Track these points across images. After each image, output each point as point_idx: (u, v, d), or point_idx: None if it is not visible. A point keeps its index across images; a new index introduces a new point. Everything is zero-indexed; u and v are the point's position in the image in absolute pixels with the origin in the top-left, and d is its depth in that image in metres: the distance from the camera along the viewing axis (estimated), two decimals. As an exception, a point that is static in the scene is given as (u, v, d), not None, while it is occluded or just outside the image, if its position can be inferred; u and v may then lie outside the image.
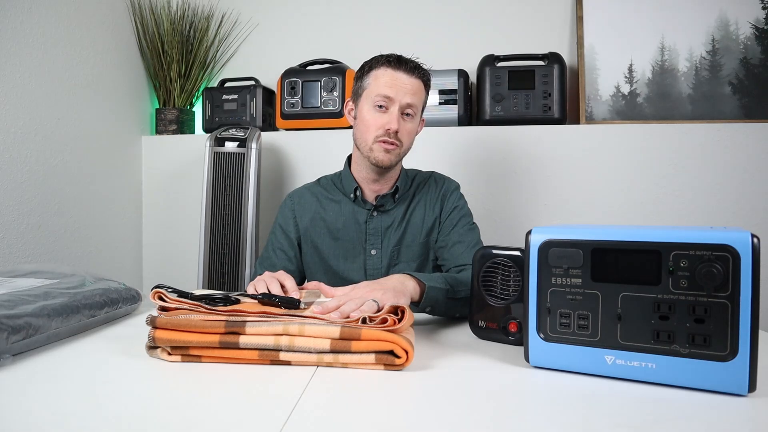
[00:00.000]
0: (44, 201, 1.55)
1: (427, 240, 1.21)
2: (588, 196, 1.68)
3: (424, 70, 1.16)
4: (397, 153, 1.14)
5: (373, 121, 1.12)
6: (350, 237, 1.20)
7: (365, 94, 1.14)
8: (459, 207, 1.22)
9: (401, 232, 1.20)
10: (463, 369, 0.65)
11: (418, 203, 1.23)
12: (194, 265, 1.74)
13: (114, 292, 0.90)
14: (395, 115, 1.10)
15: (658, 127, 1.66)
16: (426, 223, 1.21)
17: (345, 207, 1.22)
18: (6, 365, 0.62)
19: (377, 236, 1.20)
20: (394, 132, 1.11)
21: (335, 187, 1.26)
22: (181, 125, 1.99)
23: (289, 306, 0.70)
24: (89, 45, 1.72)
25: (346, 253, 1.20)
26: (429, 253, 1.22)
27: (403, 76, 1.11)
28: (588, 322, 0.61)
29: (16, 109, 1.45)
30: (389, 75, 1.12)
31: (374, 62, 1.15)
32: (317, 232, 1.22)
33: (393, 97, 1.10)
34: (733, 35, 1.70)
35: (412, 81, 1.12)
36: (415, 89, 1.12)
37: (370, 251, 1.19)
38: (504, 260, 0.76)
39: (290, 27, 2.06)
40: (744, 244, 0.54)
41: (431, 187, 1.25)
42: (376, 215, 1.20)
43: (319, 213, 1.22)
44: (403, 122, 1.12)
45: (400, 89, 1.11)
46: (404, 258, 1.19)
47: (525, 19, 1.89)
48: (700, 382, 0.55)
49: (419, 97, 1.14)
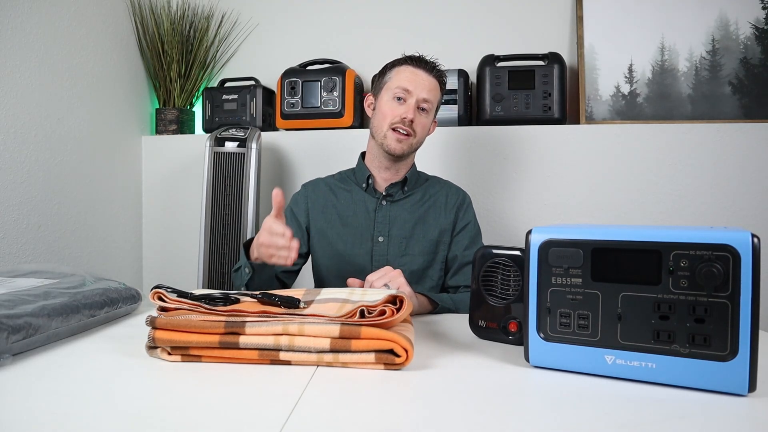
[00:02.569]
0: (44, 201, 1.55)
1: (438, 240, 1.25)
2: (588, 196, 1.68)
3: (442, 72, 1.24)
4: (410, 143, 1.21)
5: (390, 111, 1.20)
6: (359, 224, 1.25)
7: (386, 87, 1.23)
8: (473, 223, 1.29)
9: (412, 224, 1.24)
10: (463, 368, 0.65)
11: (431, 201, 1.28)
12: (194, 265, 1.74)
13: (114, 291, 0.89)
14: (412, 106, 1.18)
15: (658, 127, 1.66)
16: (440, 223, 1.26)
17: (356, 195, 1.28)
18: (6, 365, 0.62)
19: (385, 224, 1.24)
20: (410, 121, 1.18)
21: (349, 178, 1.32)
22: (181, 125, 1.99)
23: (289, 305, 0.70)
24: (89, 45, 1.72)
25: (354, 239, 1.24)
26: (438, 254, 1.25)
27: (422, 73, 1.20)
28: (588, 322, 0.61)
29: (16, 109, 1.45)
30: (410, 71, 1.21)
31: (397, 60, 1.25)
32: (327, 219, 1.27)
33: (411, 90, 1.19)
34: (733, 35, 1.70)
35: (430, 79, 1.21)
36: (432, 87, 1.21)
37: (378, 238, 1.23)
38: (504, 260, 0.76)
39: (290, 27, 2.06)
40: (744, 244, 0.53)
41: (446, 191, 1.31)
42: (385, 204, 1.25)
43: (332, 201, 1.28)
44: (418, 115, 1.20)
45: (419, 84, 1.19)
46: (413, 251, 1.23)
47: (525, 19, 1.89)
48: (700, 382, 0.55)
49: (435, 95, 1.22)
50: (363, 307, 0.65)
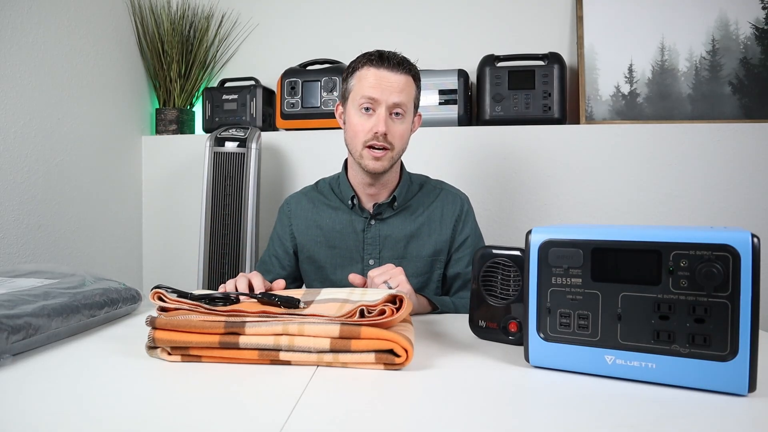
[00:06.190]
0: (44, 201, 1.55)
1: (434, 258, 1.16)
2: (588, 196, 1.68)
3: (410, 64, 1.09)
4: (390, 157, 1.08)
5: (360, 126, 1.07)
6: (347, 246, 1.16)
7: (351, 97, 1.09)
8: (472, 236, 1.18)
9: (404, 243, 1.15)
10: (463, 369, 0.65)
11: (425, 216, 1.16)
12: (194, 265, 1.74)
13: (114, 292, 0.90)
14: (382, 116, 1.05)
15: (658, 127, 1.66)
16: (435, 240, 1.16)
17: (342, 215, 1.17)
18: (6, 365, 0.62)
19: (375, 246, 1.15)
20: (383, 134, 1.05)
21: (333, 192, 1.21)
22: (181, 125, 1.99)
23: (289, 305, 0.70)
24: (89, 45, 1.72)
25: (343, 261, 1.16)
26: (434, 272, 1.16)
27: (387, 74, 1.05)
28: (588, 322, 0.61)
29: (16, 109, 1.45)
30: (372, 74, 1.05)
31: (357, 62, 1.09)
32: (313, 241, 1.18)
33: (378, 98, 1.05)
34: (733, 35, 1.70)
35: (397, 78, 1.05)
36: (401, 86, 1.06)
37: (368, 261, 1.15)
38: (504, 260, 0.76)
39: (290, 27, 2.06)
40: (744, 244, 0.54)
41: (442, 204, 1.19)
42: (374, 224, 1.15)
43: (316, 220, 1.18)
44: (392, 123, 1.06)
45: (385, 89, 1.04)
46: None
47: (525, 19, 1.89)
48: (700, 382, 0.55)
49: (408, 94, 1.07)
50: (363, 307, 0.65)
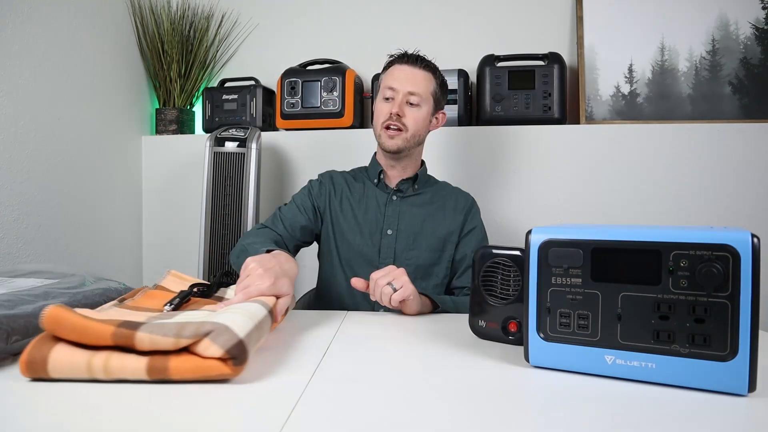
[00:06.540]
0: (44, 201, 1.55)
1: (446, 239, 1.27)
2: (588, 196, 1.68)
3: (427, 61, 1.27)
4: (404, 138, 1.23)
5: (380, 110, 1.25)
6: (370, 217, 1.29)
7: (379, 90, 1.28)
8: (480, 227, 1.32)
9: (421, 220, 1.27)
10: (463, 368, 0.65)
11: (441, 202, 1.31)
12: (194, 265, 1.74)
13: (114, 292, 0.89)
14: (398, 101, 1.22)
15: (658, 127, 1.66)
16: (449, 223, 1.28)
17: (369, 190, 1.32)
18: (6, 365, 0.62)
19: (394, 218, 1.28)
20: (396, 115, 1.22)
21: (362, 173, 1.37)
22: (181, 125, 1.99)
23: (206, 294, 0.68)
24: (89, 45, 1.72)
25: (364, 230, 1.27)
26: (445, 252, 1.27)
27: (406, 68, 1.24)
28: (588, 322, 0.61)
29: (16, 109, 1.45)
30: (396, 69, 1.26)
31: (387, 63, 1.30)
32: (342, 209, 1.30)
33: (396, 87, 1.23)
34: (733, 35, 1.70)
35: (414, 71, 1.24)
36: (417, 79, 1.24)
37: (386, 231, 1.27)
38: (504, 260, 0.76)
39: (290, 27, 2.06)
40: (744, 244, 0.53)
41: (455, 195, 1.34)
42: (395, 199, 1.29)
43: (347, 193, 1.32)
44: (407, 109, 1.23)
45: (403, 80, 1.23)
46: (421, 246, 1.26)
47: (525, 19, 1.89)
48: (700, 382, 0.55)
49: (424, 86, 1.24)
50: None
